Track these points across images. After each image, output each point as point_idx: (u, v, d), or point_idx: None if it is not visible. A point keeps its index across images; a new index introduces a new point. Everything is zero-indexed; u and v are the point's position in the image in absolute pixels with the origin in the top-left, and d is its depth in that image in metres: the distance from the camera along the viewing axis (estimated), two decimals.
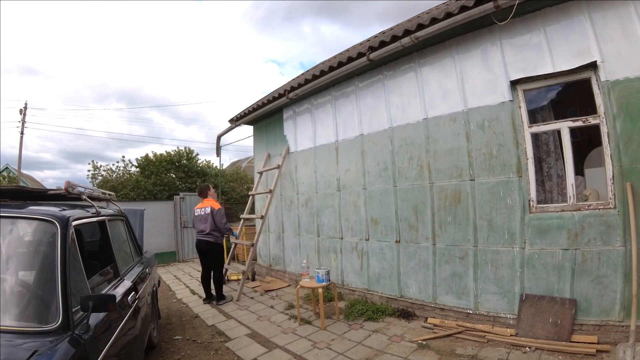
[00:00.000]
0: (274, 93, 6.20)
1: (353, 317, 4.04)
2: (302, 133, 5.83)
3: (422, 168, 3.97)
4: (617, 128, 2.79)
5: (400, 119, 4.24)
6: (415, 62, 4.08)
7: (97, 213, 2.41)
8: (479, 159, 3.50)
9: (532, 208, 3.20)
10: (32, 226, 1.80)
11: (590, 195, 3.10)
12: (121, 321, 2.06)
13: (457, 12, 3.25)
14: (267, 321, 4.16)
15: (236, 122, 7.20)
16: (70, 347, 1.41)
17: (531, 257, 3.16)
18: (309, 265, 4.43)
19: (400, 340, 3.36)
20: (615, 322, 2.78)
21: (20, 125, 16.86)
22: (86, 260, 2.09)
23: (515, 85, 3.33)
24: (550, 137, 3.43)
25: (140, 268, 3.17)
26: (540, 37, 3.14)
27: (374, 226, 4.52)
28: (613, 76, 2.80)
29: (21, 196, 2.24)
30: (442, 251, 3.78)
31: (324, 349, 3.28)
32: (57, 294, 1.54)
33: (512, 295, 3.27)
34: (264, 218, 5.98)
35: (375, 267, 4.49)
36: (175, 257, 9.63)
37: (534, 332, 3.02)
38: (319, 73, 4.87)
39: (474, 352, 2.96)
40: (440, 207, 3.80)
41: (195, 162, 13.35)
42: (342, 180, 5.02)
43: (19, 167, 16.59)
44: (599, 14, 2.86)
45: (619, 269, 2.76)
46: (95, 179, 12.07)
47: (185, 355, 3.33)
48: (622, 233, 2.75)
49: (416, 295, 4.01)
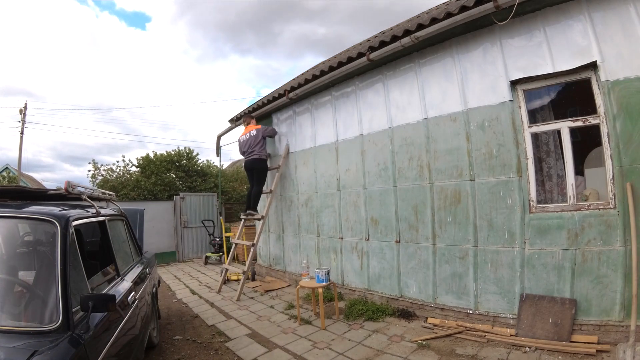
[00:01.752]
0: (274, 93, 6.20)
1: (353, 317, 4.04)
2: (302, 133, 5.83)
3: (422, 168, 3.97)
4: (617, 128, 2.79)
5: (400, 119, 4.24)
6: (415, 62, 4.08)
7: (97, 213, 2.41)
8: (479, 159, 3.50)
9: (532, 208, 3.20)
10: (32, 226, 1.81)
11: (590, 195, 3.10)
12: (121, 321, 2.06)
13: (457, 12, 3.25)
14: (267, 321, 4.16)
15: (236, 121, 7.19)
16: (70, 347, 1.41)
17: (531, 257, 3.16)
18: (309, 265, 4.42)
19: (400, 340, 3.36)
20: (615, 322, 2.78)
21: (20, 125, 16.88)
22: (86, 260, 2.09)
23: (515, 85, 3.33)
24: (550, 137, 3.43)
25: (140, 268, 3.17)
26: (540, 37, 3.14)
27: (374, 226, 4.52)
28: (613, 76, 2.80)
29: (21, 196, 2.24)
30: (442, 251, 3.78)
31: (324, 349, 3.28)
32: (57, 294, 1.54)
33: (512, 295, 3.27)
34: (264, 218, 6.00)
35: (375, 267, 4.49)
36: (175, 257, 9.62)
37: (534, 332, 3.02)
38: (319, 73, 4.87)
39: (474, 352, 2.96)
40: (440, 207, 3.80)
41: (196, 162, 13.34)
42: (342, 180, 5.02)
43: (19, 167, 16.60)
44: (599, 14, 2.86)
45: (619, 269, 2.76)
46: (95, 179, 12.06)
47: (185, 355, 3.33)
48: (622, 233, 2.75)
49: (416, 295, 4.01)
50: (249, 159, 5.93)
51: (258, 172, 5.96)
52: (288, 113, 6.17)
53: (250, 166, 5.98)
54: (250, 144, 5.89)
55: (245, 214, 6.12)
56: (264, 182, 6.15)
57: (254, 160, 5.89)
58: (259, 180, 5.99)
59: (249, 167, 6.02)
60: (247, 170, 6.12)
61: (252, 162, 5.91)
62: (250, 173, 6.09)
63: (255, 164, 5.92)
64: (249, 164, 5.98)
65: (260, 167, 5.96)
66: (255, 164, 5.91)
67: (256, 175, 5.97)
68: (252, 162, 5.91)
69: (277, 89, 6.54)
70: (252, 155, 5.87)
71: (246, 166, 6.09)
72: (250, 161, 5.94)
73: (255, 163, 5.91)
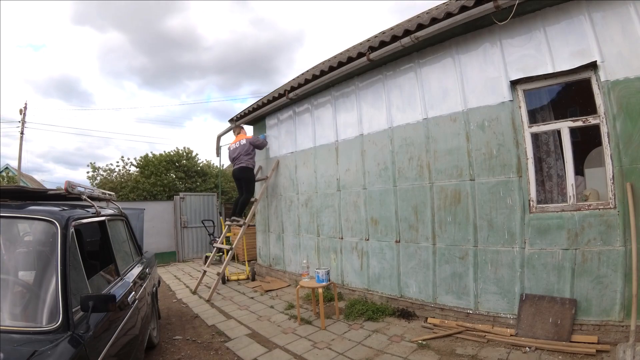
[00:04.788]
0: (274, 93, 6.20)
1: (353, 317, 4.04)
2: (302, 133, 5.83)
3: (422, 168, 3.97)
4: (617, 128, 2.79)
5: (400, 119, 4.24)
6: (415, 62, 4.08)
7: (97, 213, 2.41)
8: (479, 159, 3.50)
9: (532, 208, 3.20)
10: (32, 226, 1.81)
11: (590, 195, 3.10)
12: (121, 321, 2.06)
13: (457, 12, 3.26)
14: (267, 321, 4.16)
15: (236, 121, 7.19)
16: (70, 347, 1.41)
17: (531, 257, 3.16)
18: (309, 265, 4.42)
19: (400, 340, 3.36)
20: (615, 322, 2.78)
21: (20, 125, 16.87)
22: (86, 260, 2.10)
23: (515, 85, 3.33)
24: (550, 137, 3.43)
25: (140, 268, 3.16)
26: (540, 37, 3.14)
27: (374, 226, 4.52)
28: (613, 76, 2.80)
29: (21, 196, 2.23)
30: (442, 251, 3.78)
31: (324, 349, 3.28)
32: (57, 293, 1.54)
33: (512, 295, 3.27)
34: (245, 225, 6.17)
35: (375, 267, 4.49)
36: (175, 257, 9.62)
37: (534, 332, 3.02)
38: (319, 73, 4.87)
39: (474, 352, 2.96)
40: (440, 207, 3.80)
41: (195, 162, 13.34)
42: (342, 180, 5.02)
43: (19, 167, 16.60)
44: (599, 14, 2.86)
45: (619, 269, 2.76)
46: (94, 180, 12.06)
47: (185, 355, 3.33)
48: (622, 233, 2.75)
49: (416, 295, 4.01)
50: (237, 167, 6.05)
51: (246, 181, 6.11)
52: (288, 113, 6.17)
53: (238, 175, 6.11)
54: (239, 152, 6.02)
55: (230, 219, 6.31)
56: (253, 190, 6.31)
57: (241, 169, 6.01)
58: (248, 189, 6.13)
59: (237, 176, 6.15)
60: (236, 179, 6.26)
61: (240, 170, 6.03)
62: (238, 182, 6.25)
63: (242, 173, 6.04)
64: (237, 173, 6.10)
65: (248, 176, 6.09)
66: (243, 172, 6.03)
67: (245, 184, 6.12)
68: (240, 170, 6.03)
69: (277, 89, 6.55)
70: (240, 164, 5.99)
71: (234, 175, 6.23)
72: (238, 169, 6.05)
73: (243, 172, 6.03)
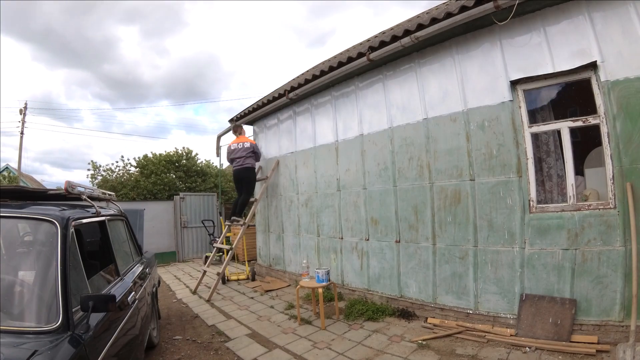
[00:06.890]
0: (274, 93, 6.20)
1: (353, 317, 4.04)
2: (302, 133, 5.83)
3: (422, 168, 3.97)
4: (617, 128, 2.79)
5: (400, 119, 4.24)
6: (415, 62, 4.08)
7: (97, 213, 2.41)
8: (479, 159, 3.50)
9: (532, 208, 3.20)
10: (32, 226, 1.80)
11: (590, 195, 3.10)
12: (121, 321, 2.06)
13: (457, 12, 3.26)
14: (267, 321, 4.16)
15: (236, 121, 7.19)
16: (70, 347, 1.41)
17: (531, 257, 3.16)
18: (309, 265, 4.42)
19: (400, 340, 3.36)
20: (615, 322, 2.78)
21: (20, 125, 16.88)
22: (86, 260, 2.09)
23: (515, 85, 3.33)
24: (550, 137, 3.43)
25: (140, 268, 3.16)
26: (540, 37, 3.14)
27: (374, 226, 4.52)
28: (613, 76, 2.80)
29: (21, 196, 2.23)
30: (442, 251, 3.78)
31: (324, 349, 3.28)
32: (57, 294, 1.54)
33: (512, 295, 3.27)
34: (245, 225, 6.19)
35: (375, 267, 4.49)
36: (175, 257, 9.62)
37: (534, 332, 3.02)
38: (319, 73, 4.87)
39: (474, 352, 2.96)
40: (440, 207, 3.80)
41: (195, 162, 13.33)
42: (342, 180, 5.02)
43: (19, 167, 16.60)
44: (599, 14, 2.86)
45: (619, 269, 2.76)
46: (94, 179, 12.05)
47: (185, 355, 3.33)
48: (622, 233, 2.75)
49: (416, 295, 4.01)
50: (239, 168, 6.08)
51: (247, 182, 6.17)
52: (288, 113, 6.17)
53: (239, 175, 6.15)
54: (241, 153, 6.06)
55: (230, 220, 6.33)
56: (253, 191, 6.38)
57: (245, 169, 6.07)
58: (248, 190, 6.20)
59: (239, 176, 6.17)
60: (237, 180, 6.27)
61: (244, 170, 6.08)
62: (239, 183, 6.26)
63: (244, 174, 6.09)
64: (238, 173, 6.14)
65: (249, 177, 6.15)
66: (244, 173, 6.09)
67: (245, 185, 6.17)
68: (244, 170, 6.08)
69: (277, 89, 6.54)
70: (243, 165, 6.04)
71: (236, 175, 6.23)
72: (240, 170, 6.10)
73: (245, 172, 6.09)
